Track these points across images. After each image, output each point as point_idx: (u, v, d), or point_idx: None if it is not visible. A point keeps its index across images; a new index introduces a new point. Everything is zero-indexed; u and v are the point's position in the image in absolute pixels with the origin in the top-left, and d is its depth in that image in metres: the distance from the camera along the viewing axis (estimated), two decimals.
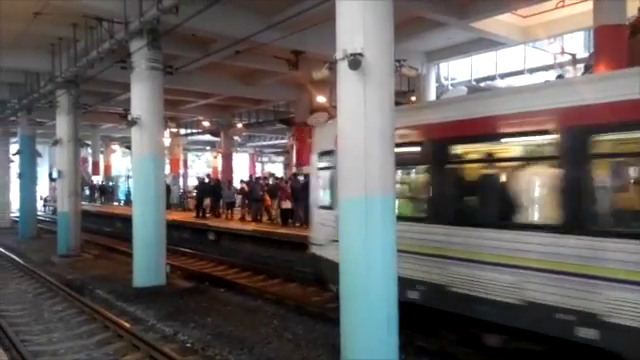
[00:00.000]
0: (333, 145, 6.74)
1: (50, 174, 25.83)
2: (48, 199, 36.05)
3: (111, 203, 33.74)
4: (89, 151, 37.49)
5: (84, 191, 30.22)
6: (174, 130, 32.40)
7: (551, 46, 15.21)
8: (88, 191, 34.61)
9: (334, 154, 6.84)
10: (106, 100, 20.39)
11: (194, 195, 23.87)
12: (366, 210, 5.46)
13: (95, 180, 37.57)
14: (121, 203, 32.70)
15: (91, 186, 35.84)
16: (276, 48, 13.60)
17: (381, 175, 5.52)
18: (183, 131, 35.02)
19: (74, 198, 16.11)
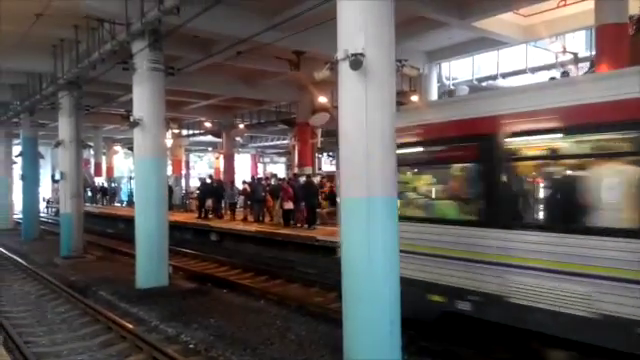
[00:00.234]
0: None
1: (52, 176, 25.95)
2: (51, 201, 36.11)
3: (113, 204, 33.80)
4: (91, 152, 37.58)
5: (86, 192, 30.30)
6: (176, 131, 32.41)
7: (553, 45, 15.17)
8: (90, 192, 34.68)
9: None
10: (108, 101, 20.45)
11: (196, 196, 23.86)
12: (367, 210, 5.45)
13: (97, 181, 37.66)
14: (123, 204, 32.75)
15: (93, 187, 35.90)
16: (277, 48, 13.59)
17: (382, 175, 5.51)
18: (185, 132, 35.08)
19: (76, 199, 16.13)
